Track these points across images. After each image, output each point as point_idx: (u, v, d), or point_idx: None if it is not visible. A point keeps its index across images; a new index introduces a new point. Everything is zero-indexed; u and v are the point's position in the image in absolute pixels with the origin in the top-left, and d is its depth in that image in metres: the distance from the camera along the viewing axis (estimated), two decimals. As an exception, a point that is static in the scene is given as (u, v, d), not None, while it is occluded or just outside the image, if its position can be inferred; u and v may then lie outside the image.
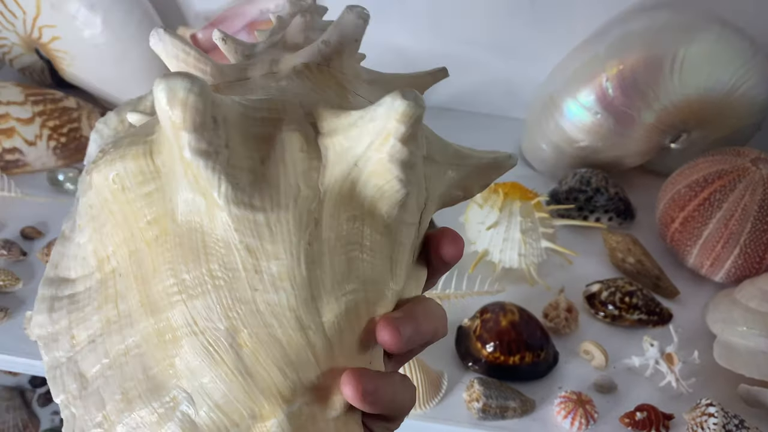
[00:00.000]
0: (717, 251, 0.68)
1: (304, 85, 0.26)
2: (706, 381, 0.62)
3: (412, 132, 0.23)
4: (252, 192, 0.22)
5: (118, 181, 0.24)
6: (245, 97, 0.24)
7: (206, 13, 0.93)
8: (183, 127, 0.21)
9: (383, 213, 0.24)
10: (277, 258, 0.22)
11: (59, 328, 0.25)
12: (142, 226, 0.24)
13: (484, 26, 0.90)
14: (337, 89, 0.27)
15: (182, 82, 0.21)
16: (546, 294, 0.68)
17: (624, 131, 0.77)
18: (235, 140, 0.22)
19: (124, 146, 0.24)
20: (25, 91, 0.77)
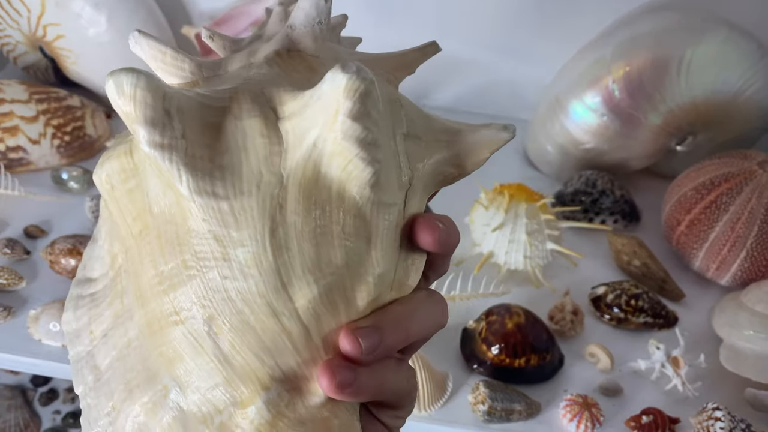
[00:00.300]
0: (723, 254, 0.68)
1: (271, 72, 0.26)
2: (713, 385, 0.61)
3: (361, 107, 0.22)
4: (213, 180, 0.22)
5: (108, 181, 0.25)
6: (209, 88, 0.24)
7: (211, 12, 0.93)
8: (136, 121, 0.21)
9: (354, 194, 0.24)
10: (243, 245, 0.22)
11: (81, 324, 0.26)
12: (130, 222, 0.25)
13: (490, 27, 0.90)
14: (306, 72, 0.27)
15: (127, 77, 0.21)
16: (551, 296, 0.67)
17: (630, 133, 0.77)
18: (193, 130, 0.22)
19: (114, 147, 0.25)
20: (29, 90, 0.77)
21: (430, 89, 0.95)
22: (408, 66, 0.32)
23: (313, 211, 0.23)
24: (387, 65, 0.31)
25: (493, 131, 0.28)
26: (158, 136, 0.21)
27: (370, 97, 0.22)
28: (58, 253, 0.64)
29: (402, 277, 0.25)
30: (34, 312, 0.61)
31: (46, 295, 0.63)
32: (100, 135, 0.82)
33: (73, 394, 1.00)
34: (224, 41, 0.30)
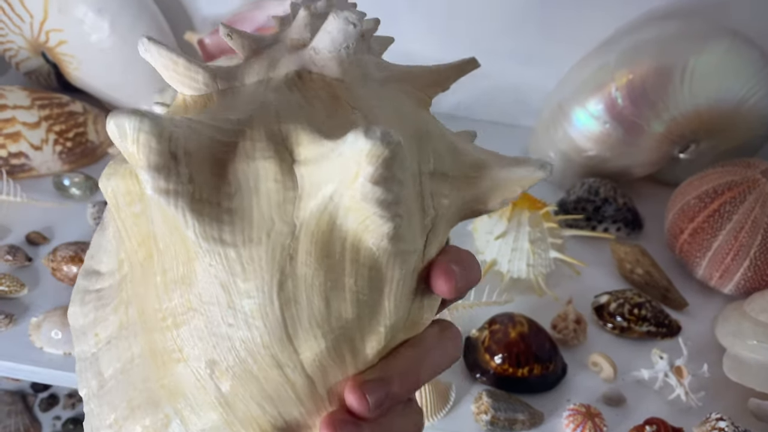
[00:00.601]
0: (726, 263, 0.68)
1: (291, 99, 0.25)
2: (716, 394, 0.61)
3: (384, 172, 0.21)
4: (221, 226, 0.21)
5: (113, 197, 0.24)
6: (220, 116, 0.23)
7: (214, 17, 0.93)
8: (139, 165, 0.20)
9: (370, 245, 0.22)
10: (249, 296, 0.21)
11: (87, 322, 0.26)
12: (134, 246, 0.24)
13: (493, 34, 0.90)
14: (329, 101, 0.25)
15: (130, 120, 0.20)
16: (554, 305, 0.67)
17: (633, 141, 0.77)
18: (201, 171, 0.21)
19: (119, 161, 0.24)
20: (31, 95, 0.77)
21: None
22: (442, 83, 0.30)
23: (325, 263, 0.22)
24: (420, 82, 0.29)
25: (529, 170, 0.27)
26: (163, 181, 0.20)
27: (395, 160, 0.21)
28: (59, 260, 0.64)
29: (416, 317, 0.24)
30: (35, 320, 0.60)
31: (47, 302, 0.63)
32: (103, 141, 0.81)
33: (73, 400, 1.00)
34: (243, 39, 0.29)
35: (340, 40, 0.25)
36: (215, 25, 0.90)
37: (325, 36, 0.25)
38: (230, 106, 0.25)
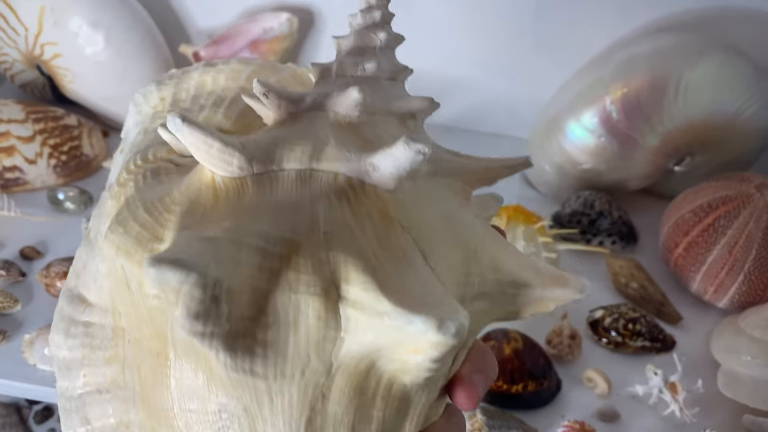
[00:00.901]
0: (721, 278, 0.68)
1: (340, 216, 0.23)
2: (711, 410, 0.61)
3: (445, 355, 0.21)
4: (254, 358, 0.20)
5: (123, 275, 0.23)
6: (264, 228, 0.22)
7: (209, 30, 0.93)
8: (178, 310, 0.19)
9: (405, 382, 0.22)
10: (274, 426, 0.21)
11: (73, 357, 0.25)
12: (145, 333, 0.23)
13: (488, 46, 0.90)
14: (381, 221, 0.23)
15: (174, 274, 0.19)
16: (549, 320, 0.67)
17: (628, 154, 0.77)
18: (239, 305, 0.20)
19: (132, 234, 0.23)
20: (26, 109, 0.76)
21: (428, 107, 0.95)
22: (491, 180, 0.30)
23: (357, 401, 0.21)
24: (469, 178, 0.29)
25: (568, 292, 0.26)
26: (201, 326, 0.19)
27: (456, 345, 0.20)
28: (53, 276, 0.64)
29: (431, 413, 0.24)
30: (29, 336, 0.60)
31: (41, 318, 0.63)
32: (97, 154, 0.81)
33: (68, 412, 0.99)
34: (280, 99, 0.27)
35: (405, 167, 0.23)
36: (210, 38, 0.90)
37: (389, 160, 0.23)
38: (270, 205, 0.23)
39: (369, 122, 0.27)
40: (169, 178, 0.26)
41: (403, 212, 0.24)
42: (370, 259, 0.22)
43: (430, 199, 0.26)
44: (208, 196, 0.24)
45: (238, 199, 0.23)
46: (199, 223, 0.23)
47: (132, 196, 0.26)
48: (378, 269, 0.22)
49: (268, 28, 0.85)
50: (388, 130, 0.28)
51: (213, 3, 0.92)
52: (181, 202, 0.24)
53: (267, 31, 0.85)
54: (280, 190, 0.23)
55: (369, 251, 0.22)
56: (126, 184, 0.27)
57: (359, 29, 0.33)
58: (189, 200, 0.24)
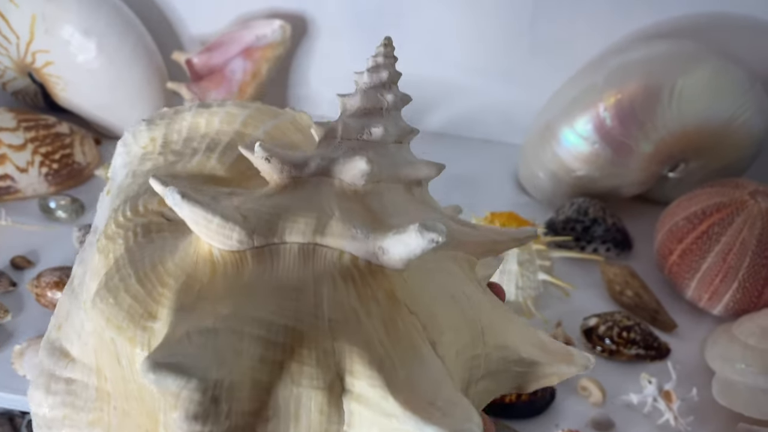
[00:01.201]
0: (715, 285, 0.67)
1: (345, 300, 0.22)
2: (705, 419, 0.61)
3: None
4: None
5: (114, 349, 0.22)
6: (263, 319, 0.21)
7: (201, 37, 0.93)
8: (176, 413, 0.19)
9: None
10: None
11: (54, 416, 0.24)
12: (134, 407, 0.22)
13: (482, 52, 0.90)
14: (387, 304, 0.23)
15: (174, 380, 0.19)
16: (543, 327, 0.67)
17: (622, 161, 0.77)
18: (239, 400, 0.20)
19: (124, 308, 0.22)
20: (17, 117, 0.76)
21: (422, 113, 0.95)
22: (497, 251, 0.30)
23: None
24: (476, 249, 0.28)
25: (573, 368, 0.26)
26: (199, 426, 0.19)
27: None
28: (44, 285, 0.63)
29: None
30: (19, 347, 0.60)
31: (31, 329, 0.63)
32: (89, 162, 0.81)
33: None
34: (283, 164, 0.26)
35: (416, 253, 0.23)
36: (203, 45, 0.89)
37: (400, 246, 0.23)
38: (271, 284, 0.22)
39: (375, 191, 0.27)
40: (161, 237, 0.26)
41: (410, 294, 0.23)
42: (377, 349, 0.21)
43: (436, 276, 0.26)
44: (205, 270, 0.23)
45: (237, 275, 0.23)
46: (196, 303, 0.22)
47: (122, 257, 0.25)
48: (385, 361, 0.21)
49: (261, 35, 0.85)
50: (394, 199, 0.27)
51: (206, 10, 0.91)
52: (176, 275, 0.23)
53: (260, 38, 0.85)
54: (281, 266, 0.23)
55: (376, 340, 0.22)
56: (115, 239, 0.26)
57: (366, 89, 0.32)
58: (185, 274, 0.23)
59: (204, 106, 0.34)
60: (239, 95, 0.84)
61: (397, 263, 0.23)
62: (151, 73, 0.84)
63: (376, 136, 0.29)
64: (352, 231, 0.23)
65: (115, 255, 0.25)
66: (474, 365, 0.24)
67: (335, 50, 0.93)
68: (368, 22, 0.89)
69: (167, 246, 0.25)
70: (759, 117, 0.76)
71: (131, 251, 0.25)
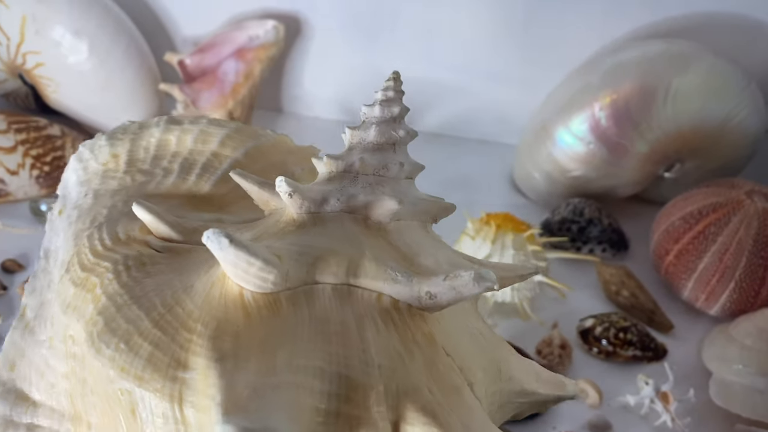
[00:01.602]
0: (712, 285, 0.67)
1: (390, 344, 0.22)
2: (703, 420, 0.61)
3: None
4: None
5: (128, 399, 0.21)
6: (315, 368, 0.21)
7: (194, 38, 0.92)
8: None
9: None
10: None
11: None
12: None
13: (476, 53, 0.90)
14: (428, 349, 0.23)
15: None
16: (539, 329, 0.66)
17: (617, 161, 0.76)
18: None
19: (143, 356, 0.21)
20: (7, 119, 0.75)
21: (417, 114, 0.95)
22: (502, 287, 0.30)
23: None
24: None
25: (564, 396, 0.27)
26: None
27: None
28: (35, 289, 0.62)
29: None
30: (9, 351, 0.59)
31: (22, 333, 0.62)
32: (81, 164, 0.80)
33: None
34: (303, 200, 0.26)
35: (464, 296, 0.23)
36: (196, 46, 0.89)
37: (452, 293, 0.23)
38: (312, 327, 0.22)
39: (396, 229, 0.27)
40: (157, 269, 0.25)
41: (444, 336, 0.23)
42: (426, 395, 0.21)
43: (458, 316, 0.26)
44: (237, 315, 0.22)
45: (274, 319, 0.22)
46: (238, 352, 0.21)
47: (118, 294, 0.23)
48: (437, 407, 0.21)
49: (254, 35, 0.84)
50: (414, 236, 0.27)
51: (198, 11, 0.91)
52: (205, 320, 0.22)
53: (253, 39, 0.84)
54: (318, 308, 0.22)
55: (424, 386, 0.22)
56: (98, 271, 0.24)
57: (379, 123, 0.32)
58: (215, 318, 0.22)
59: (174, 122, 0.33)
60: (232, 96, 0.83)
61: (438, 308, 0.23)
62: (143, 74, 0.83)
63: (392, 172, 0.29)
64: (390, 273, 0.23)
65: (106, 291, 0.23)
66: (493, 401, 0.25)
67: (329, 51, 0.92)
68: (362, 23, 0.89)
69: (174, 283, 0.23)
70: (754, 117, 0.76)
71: (129, 287, 0.23)
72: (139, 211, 0.25)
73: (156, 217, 0.26)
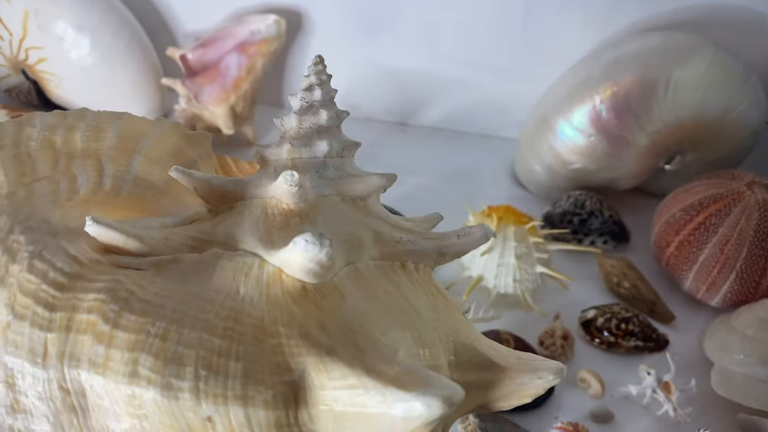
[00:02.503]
0: (713, 276, 0.67)
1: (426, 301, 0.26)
2: (704, 410, 0.61)
3: None
4: None
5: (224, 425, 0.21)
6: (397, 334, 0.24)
7: (196, 33, 0.92)
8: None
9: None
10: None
11: None
12: None
13: (477, 46, 0.90)
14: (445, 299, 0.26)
15: (442, 406, 0.20)
16: (541, 320, 0.67)
17: (618, 154, 0.77)
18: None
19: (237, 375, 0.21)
20: (10, 114, 0.76)
21: (418, 107, 0.95)
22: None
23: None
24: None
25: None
26: None
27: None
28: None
29: None
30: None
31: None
32: (84, 159, 0.81)
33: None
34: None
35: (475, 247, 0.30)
36: (198, 40, 0.89)
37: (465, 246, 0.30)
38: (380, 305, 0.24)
39: (372, 203, 0.30)
40: (161, 288, 0.23)
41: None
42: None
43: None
44: (310, 307, 0.23)
45: (343, 302, 0.23)
46: (334, 340, 0.22)
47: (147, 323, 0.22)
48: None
49: (256, 30, 0.85)
50: (378, 207, 0.31)
51: (200, 5, 0.91)
52: (284, 321, 0.22)
53: (254, 34, 0.85)
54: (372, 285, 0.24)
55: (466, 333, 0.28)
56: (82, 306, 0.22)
57: (302, 109, 0.33)
58: (293, 317, 0.22)
59: (53, 126, 0.31)
60: (234, 90, 0.83)
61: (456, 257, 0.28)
62: (145, 69, 0.83)
63: (320, 152, 0.30)
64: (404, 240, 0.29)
65: (119, 324, 0.22)
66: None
67: (330, 45, 0.92)
68: (363, 17, 0.89)
69: (207, 295, 0.22)
70: (755, 109, 0.76)
71: (153, 312, 0.22)
72: (97, 228, 0.23)
73: (121, 233, 0.23)
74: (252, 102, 0.86)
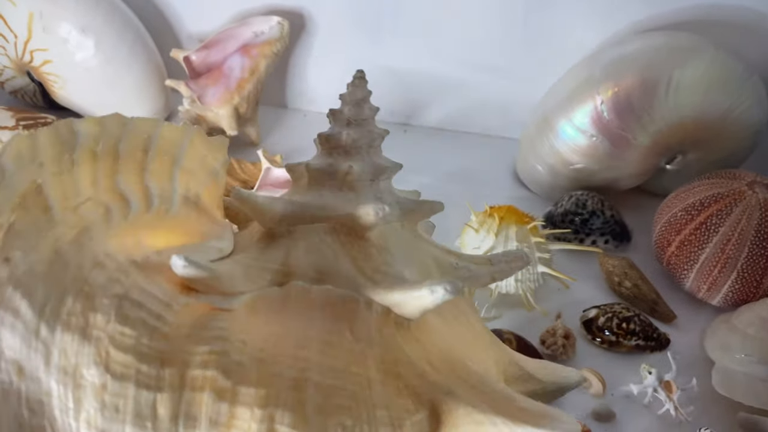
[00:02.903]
0: (714, 276, 0.68)
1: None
2: (705, 409, 0.61)
3: None
4: None
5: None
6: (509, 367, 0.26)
7: (199, 34, 0.93)
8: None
9: None
10: None
11: None
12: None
13: (477, 46, 0.90)
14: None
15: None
16: (543, 320, 0.67)
17: (619, 154, 0.77)
18: None
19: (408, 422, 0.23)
20: (16, 116, 0.76)
21: (419, 108, 0.95)
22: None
23: None
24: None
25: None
26: None
27: None
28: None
29: None
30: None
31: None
32: (89, 160, 0.81)
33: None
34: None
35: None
36: (201, 42, 0.89)
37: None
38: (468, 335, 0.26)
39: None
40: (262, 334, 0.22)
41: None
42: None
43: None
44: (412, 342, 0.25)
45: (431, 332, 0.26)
46: (453, 375, 0.25)
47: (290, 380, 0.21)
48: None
49: (259, 31, 0.85)
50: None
51: (203, 7, 0.92)
52: (402, 361, 0.25)
53: (258, 35, 0.85)
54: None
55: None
56: (216, 363, 0.20)
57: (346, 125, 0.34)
58: (408, 357, 0.25)
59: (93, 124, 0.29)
60: (237, 92, 0.84)
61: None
62: (149, 70, 0.84)
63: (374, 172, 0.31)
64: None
65: (262, 372, 0.20)
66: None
67: (333, 47, 0.93)
68: (366, 18, 0.90)
69: (315, 340, 0.22)
70: (756, 108, 0.76)
71: (296, 358, 0.22)
72: (192, 270, 0.20)
73: (210, 272, 0.21)
74: (255, 103, 0.86)
